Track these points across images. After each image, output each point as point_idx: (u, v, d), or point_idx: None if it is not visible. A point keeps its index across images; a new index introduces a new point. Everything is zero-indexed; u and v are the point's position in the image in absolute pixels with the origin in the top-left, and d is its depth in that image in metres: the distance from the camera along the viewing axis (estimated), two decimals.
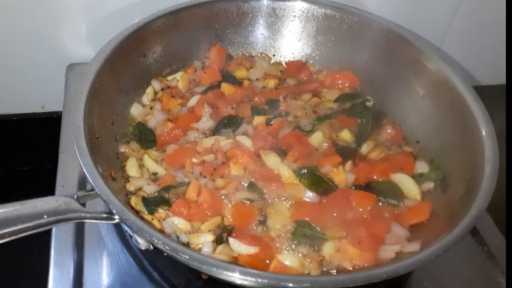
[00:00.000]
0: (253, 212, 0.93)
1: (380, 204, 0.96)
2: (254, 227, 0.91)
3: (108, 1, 1.22)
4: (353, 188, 0.98)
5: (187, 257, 0.71)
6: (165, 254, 0.74)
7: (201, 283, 0.89)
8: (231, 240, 0.86)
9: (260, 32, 1.27)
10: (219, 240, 0.88)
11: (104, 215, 0.78)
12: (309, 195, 0.95)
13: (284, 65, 1.29)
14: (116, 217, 0.76)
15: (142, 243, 0.77)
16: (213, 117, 1.10)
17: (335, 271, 0.85)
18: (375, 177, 1.00)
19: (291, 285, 0.68)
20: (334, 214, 0.92)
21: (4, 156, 1.44)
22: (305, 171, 0.98)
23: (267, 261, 0.85)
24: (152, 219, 0.88)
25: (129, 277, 0.89)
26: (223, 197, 0.94)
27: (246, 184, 0.97)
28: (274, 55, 1.30)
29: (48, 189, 0.97)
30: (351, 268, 0.84)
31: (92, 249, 0.93)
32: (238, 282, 0.71)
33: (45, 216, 0.72)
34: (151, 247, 0.76)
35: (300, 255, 0.86)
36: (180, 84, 1.18)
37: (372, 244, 0.86)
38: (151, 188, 0.96)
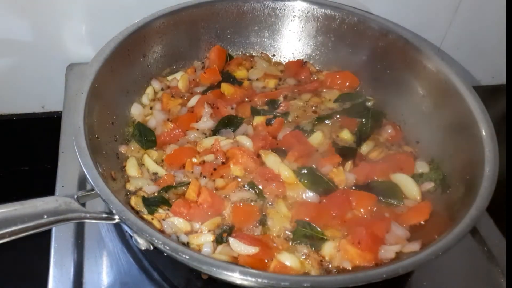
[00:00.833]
0: (253, 212, 0.93)
1: (380, 204, 0.96)
2: (254, 227, 0.91)
3: (108, 1, 1.22)
4: (353, 188, 0.98)
5: (187, 257, 0.71)
6: (165, 254, 0.74)
7: (201, 283, 0.89)
8: (231, 240, 0.86)
9: (260, 32, 1.27)
10: (219, 240, 0.88)
11: (104, 215, 0.78)
12: (309, 195, 0.95)
13: (284, 65, 1.29)
14: (116, 217, 0.76)
15: (142, 243, 0.77)
16: (213, 117, 1.10)
17: (335, 271, 0.85)
18: (375, 177, 1.00)
19: (291, 285, 0.68)
20: (334, 214, 0.92)
21: (4, 156, 1.44)
22: (305, 171, 0.98)
23: (267, 261, 0.85)
24: (152, 219, 0.88)
25: (129, 277, 0.89)
26: (223, 197, 0.94)
27: (246, 184, 0.97)
28: (274, 55, 1.30)
29: (48, 189, 0.97)
30: (351, 268, 0.84)
31: (92, 249, 0.93)
32: (238, 282, 0.71)
33: (45, 216, 0.72)
34: (151, 247, 0.76)
35: (300, 255, 0.86)
36: (180, 84, 1.18)
37: (372, 244, 0.86)
38: (151, 188, 0.96)
